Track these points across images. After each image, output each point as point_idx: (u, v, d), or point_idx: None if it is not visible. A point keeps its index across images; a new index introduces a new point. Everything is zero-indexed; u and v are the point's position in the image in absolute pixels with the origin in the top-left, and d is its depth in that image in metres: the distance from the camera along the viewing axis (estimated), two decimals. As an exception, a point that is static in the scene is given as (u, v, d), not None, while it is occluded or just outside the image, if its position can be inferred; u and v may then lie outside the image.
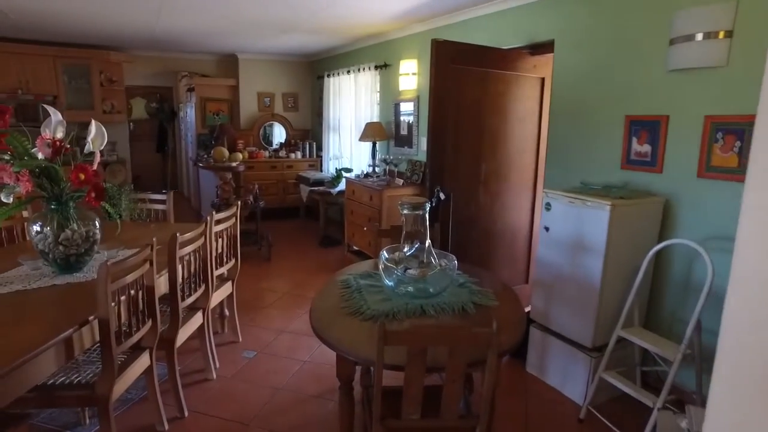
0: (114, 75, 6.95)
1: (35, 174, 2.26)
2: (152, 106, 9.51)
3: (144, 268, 2.23)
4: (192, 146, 7.65)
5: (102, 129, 2.36)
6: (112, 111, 7.04)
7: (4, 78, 6.30)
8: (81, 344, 1.99)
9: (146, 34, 5.96)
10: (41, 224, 2.36)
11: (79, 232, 2.39)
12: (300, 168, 7.40)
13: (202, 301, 2.90)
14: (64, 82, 6.59)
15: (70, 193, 2.34)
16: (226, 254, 3.22)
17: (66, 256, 2.39)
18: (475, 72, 3.48)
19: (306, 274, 5.06)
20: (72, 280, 2.36)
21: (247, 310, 4.07)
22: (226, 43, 6.65)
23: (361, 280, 2.37)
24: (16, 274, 2.44)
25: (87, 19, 5.14)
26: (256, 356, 3.34)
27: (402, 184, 4.99)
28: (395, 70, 5.51)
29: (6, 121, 2.19)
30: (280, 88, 7.85)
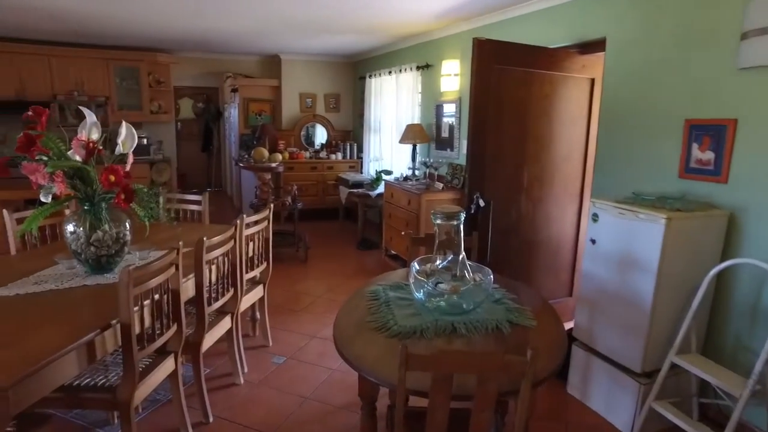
0: (162, 76, 7.12)
1: (69, 175, 2.27)
2: (199, 106, 9.74)
3: (169, 272, 2.19)
4: (234, 146, 7.76)
5: (132, 131, 2.35)
6: (159, 111, 7.22)
7: (63, 80, 6.56)
8: (104, 348, 1.97)
9: (191, 36, 6.06)
10: (75, 224, 2.37)
11: (109, 234, 2.38)
12: (340, 169, 7.36)
13: (231, 305, 2.85)
14: (116, 84, 6.81)
15: (101, 194, 2.34)
16: (258, 257, 3.17)
17: (97, 257, 2.39)
18: (519, 73, 3.30)
19: (342, 277, 4.99)
20: (102, 281, 2.36)
21: (279, 313, 4.03)
22: (268, 44, 6.69)
23: (391, 292, 2.25)
24: (51, 273, 2.46)
25: (136, 22, 5.26)
26: (285, 362, 3.28)
27: (441, 189, 4.84)
28: (437, 70, 5.36)
29: (43, 123, 2.20)
30: (322, 88, 7.84)
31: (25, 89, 6.44)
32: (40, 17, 5.00)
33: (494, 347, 1.79)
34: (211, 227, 3.49)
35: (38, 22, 5.25)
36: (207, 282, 2.51)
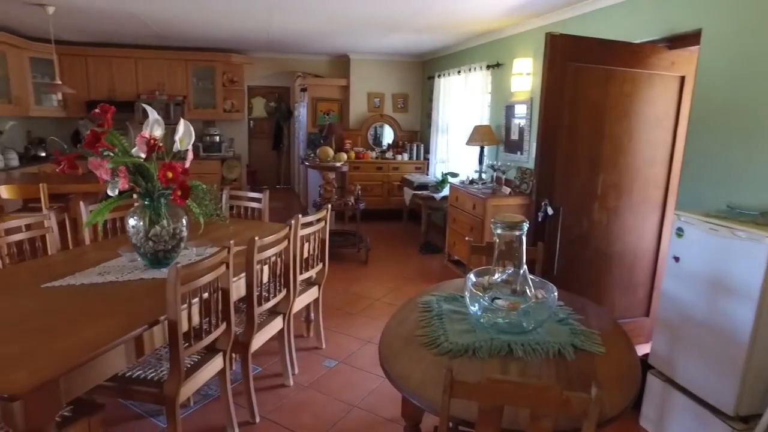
0: (235, 76, 7.36)
1: (131, 171, 2.32)
2: (271, 105, 9.99)
3: (219, 270, 2.17)
4: (302, 145, 7.87)
5: (190, 128, 2.35)
6: (231, 110, 7.46)
7: (147, 81, 6.96)
8: (152, 343, 1.98)
9: (262, 36, 6.19)
10: (136, 219, 2.42)
11: (167, 229, 2.41)
12: (406, 170, 7.25)
13: (284, 305, 2.82)
14: (193, 83, 7.12)
15: (160, 190, 2.37)
16: (314, 258, 3.13)
17: (155, 251, 2.43)
18: (596, 70, 3.02)
19: (402, 281, 4.87)
20: (158, 276, 2.39)
21: (334, 315, 3.99)
22: (337, 44, 6.70)
23: (445, 304, 2.11)
24: (114, 265, 2.53)
25: (211, 24, 5.44)
26: (336, 366, 3.22)
27: (509, 193, 4.60)
28: (508, 69, 5.12)
29: (108, 119, 2.25)
30: (390, 88, 7.78)
31: (115, 90, 6.88)
32: (129, 22, 5.28)
33: (554, 375, 1.60)
34: (270, 226, 3.50)
35: (127, 27, 5.56)
36: (258, 282, 2.48)
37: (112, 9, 4.74)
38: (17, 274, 2.42)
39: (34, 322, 1.87)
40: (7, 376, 1.51)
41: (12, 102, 6.04)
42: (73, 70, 6.72)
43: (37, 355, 1.63)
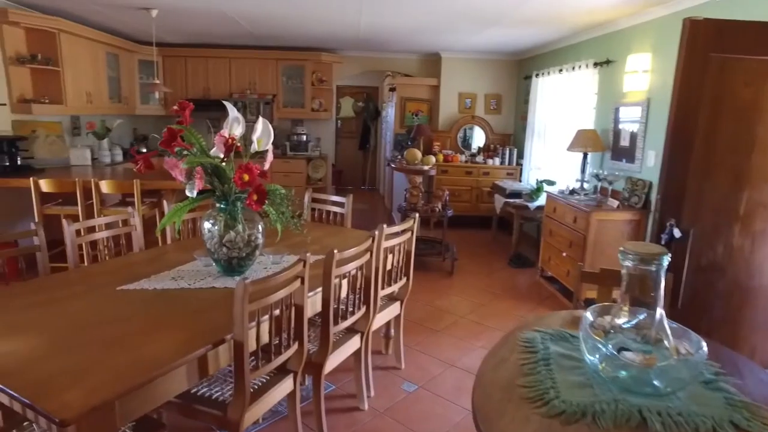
0: (324, 75, 7.31)
1: (207, 171, 2.18)
2: (359, 105, 9.93)
3: (293, 285, 1.96)
4: (389, 146, 7.67)
5: (269, 127, 2.17)
6: (320, 109, 7.42)
7: (239, 80, 7.11)
8: (217, 363, 1.80)
9: (352, 34, 6.04)
10: (212, 222, 2.28)
11: (242, 235, 2.25)
12: (497, 176, 6.81)
13: (362, 323, 2.58)
14: (282, 83, 7.16)
15: (236, 193, 2.21)
16: (397, 272, 2.86)
17: (228, 258, 2.28)
18: (748, 63, 2.48)
19: (490, 296, 4.48)
20: (230, 284, 2.23)
21: (416, 331, 3.70)
22: (429, 41, 6.41)
23: (552, 345, 1.74)
24: (188, 269, 2.43)
25: (301, 23, 5.37)
26: (416, 391, 2.93)
27: (617, 207, 4.06)
28: (619, 67, 4.54)
29: (186, 116, 2.13)
30: (482, 88, 7.36)
31: (209, 89, 7.09)
32: (224, 22, 5.35)
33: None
34: (351, 233, 3.28)
35: (221, 27, 5.65)
36: (335, 297, 2.25)
37: (208, 9, 4.80)
38: (100, 273, 2.38)
39: (101, 330, 1.77)
40: (61, 395, 1.39)
41: (121, 101, 6.39)
42: (174, 71, 7.01)
43: (95, 370, 1.51)
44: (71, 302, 2.01)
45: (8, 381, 1.43)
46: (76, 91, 5.32)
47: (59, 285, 2.22)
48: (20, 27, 4.87)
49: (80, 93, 5.39)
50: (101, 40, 5.70)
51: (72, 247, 2.48)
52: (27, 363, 1.54)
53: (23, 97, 4.98)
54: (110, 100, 6.08)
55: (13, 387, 1.42)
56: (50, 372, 1.49)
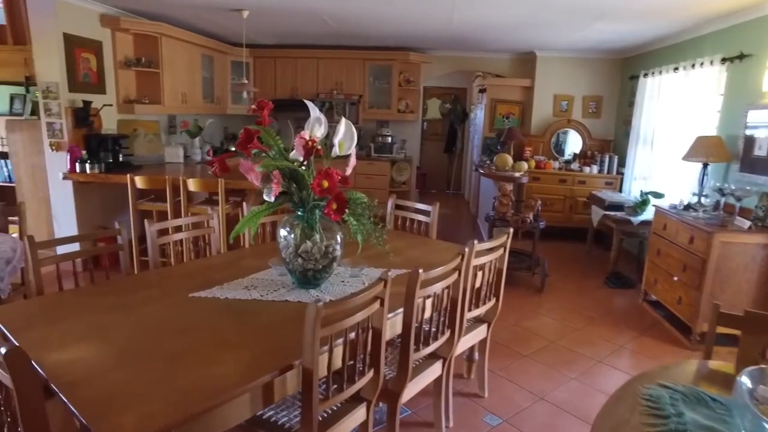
0: (411, 75, 7.11)
1: (286, 175, 2.03)
2: (446, 107, 9.65)
3: (372, 307, 1.75)
4: (477, 150, 7.32)
5: (352, 130, 1.98)
6: (406, 110, 7.23)
7: (326, 80, 7.10)
8: (283, 389, 1.63)
9: (442, 32, 5.77)
10: (288, 230, 2.14)
11: (318, 246, 2.08)
12: (594, 185, 6.24)
13: (445, 349, 2.32)
14: (369, 83, 7.05)
15: (315, 201, 2.04)
16: (486, 293, 2.57)
17: (303, 269, 2.12)
18: None
19: (584, 320, 4.04)
20: (303, 299, 2.07)
21: (501, 354, 3.37)
22: (524, 39, 6.00)
23: (687, 410, 1.38)
24: (262, 278, 2.30)
25: (390, 22, 5.20)
26: (500, 426, 2.62)
27: (748, 228, 3.47)
28: (758, 62, 3.90)
29: (265, 117, 1.99)
30: (580, 90, 6.79)
31: (297, 89, 7.15)
32: (312, 22, 5.31)
33: None
34: (436, 245, 3.03)
35: (310, 27, 5.63)
36: (417, 319, 2.02)
37: (297, 9, 4.76)
38: (176, 276, 2.32)
39: (168, 342, 1.68)
40: (116, 418, 1.29)
41: (214, 101, 6.61)
42: (264, 72, 7.14)
43: (154, 392, 1.40)
44: (144, 307, 1.95)
45: (73, 393, 1.38)
46: (173, 91, 5.52)
47: (137, 287, 2.18)
48: (129, 33, 5.14)
49: (176, 93, 5.59)
50: (198, 42, 5.90)
51: (152, 247, 2.45)
52: (93, 373, 1.48)
53: (128, 97, 5.25)
54: (203, 100, 6.28)
55: (75, 401, 1.35)
56: (111, 387, 1.41)
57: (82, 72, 4.62)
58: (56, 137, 4.54)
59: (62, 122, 4.48)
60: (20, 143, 4.89)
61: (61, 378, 1.44)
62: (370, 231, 1.97)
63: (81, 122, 4.57)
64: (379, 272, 2.42)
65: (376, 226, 1.99)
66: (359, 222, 1.96)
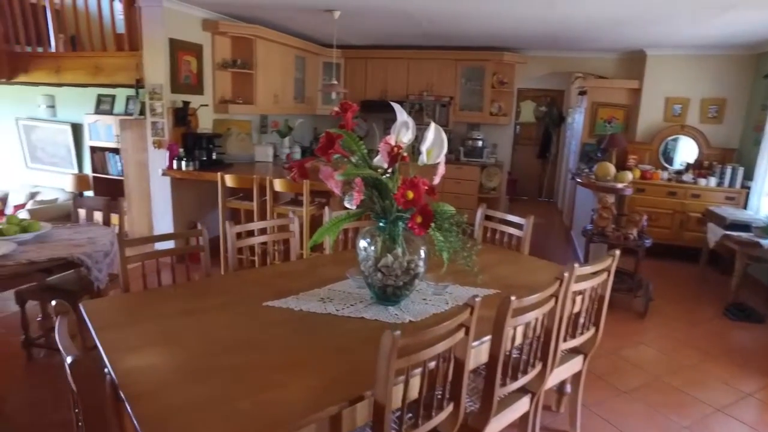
0: (505, 77, 6.76)
1: (368, 183, 1.89)
2: (540, 110, 9.15)
3: (456, 337, 1.55)
4: (574, 156, 6.82)
5: (441, 136, 1.79)
6: (498, 113, 6.89)
7: (416, 81, 6.95)
8: (352, 421, 1.48)
9: (541, 30, 5.39)
10: (368, 241, 1.99)
11: (400, 261, 1.92)
12: (711, 200, 5.54)
13: (535, 382, 2.06)
14: (461, 84, 6.80)
15: (398, 212, 1.88)
16: (585, 321, 2.27)
17: (383, 285, 1.97)
18: None
19: (700, 355, 3.53)
20: (381, 317, 1.92)
21: (595, 386, 3.01)
22: (632, 36, 5.45)
23: None
24: (339, 289, 2.18)
25: (485, 20, 4.93)
26: (596, 474, 2.30)
27: None
28: None
29: (348, 120, 1.86)
30: (698, 92, 6.07)
31: (387, 90, 7.07)
32: (404, 22, 5.18)
33: None
34: (529, 262, 2.75)
35: (401, 28, 5.51)
36: (506, 352, 1.78)
37: (390, 9, 4.64)
38: (252, 282, 2.27)
39: (235, 356, 1.60)
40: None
41: (304, 102, 6.71)
42: (355, 73, 7.14)
43: (213, 414, 1.32)
44: (218, 315, 1.90)
45: (137, 406, 1.32)
46: (266, 91, 5.65)
47: (213, 291, 2.15)
48: (227, 36, 5.32)
49: (269, 94, 5.71)
50: (290, 44, 5.99)
51: (231, 249, 2.42)
52: (158, 386, 1.44)
53: (223, 98, 5.44)
54: (294, 100, 6.38)
55: (138, 415, 1.29)
56: (173, 404, 1.35)
57: (183, 74, 4.83)
58: (158, 135, 4.79)
59: (164, 121, 4.71)
60: (129, 141, 5.22)
61: (129, 387, 1.40)
62: (458, 249, 1.77)
63: (180, 121, 4.79)
64: (464, 291, 2.22)
65: (465, 244, 1.78)
66: (446, 238, 1.77)
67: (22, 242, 2.68)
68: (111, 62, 5.13)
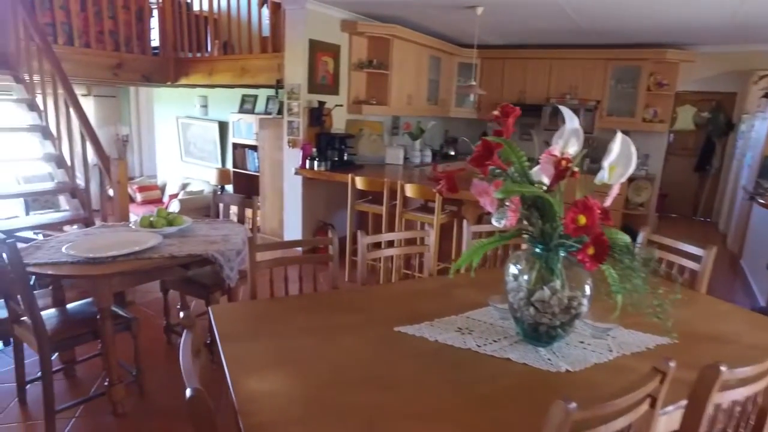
0: (665, 78, 5.91)
1: (526, 202, 1.59)
2: (702, 116, 7.96)
3: (639, 409, 1.19)
4: (749, 171, 5.76)
5: (630, 150, 1.43)
6: (653, 119, 6.07)
7: (559, 83, 6.41)
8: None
9: (720, 21, 4.58)
10: (520, 268, 1.69)
11: (559, 296, 1.59)
12: None
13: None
14: (610, 86, 6.10)
15: (561, 238, 1.55)
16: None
17: (535, 322, 1.65)
18: None
19: None
20: (530, 361, 1.61)
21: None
22: None
23: None
24: (479, 319, 1.91)
25: (655, 9, 4.29)
26: None
27: None
28: None
29: (509, 126, 1.57)
30: None
31: (525, 92, 6.60)
32: (552, 16, 4.74)
33: None
34: (711, 305, 2.22)
35: (547, 23, 5.05)
36: (698, 430, 1.38)
37: (538, 1, 4.23)
38: (383, 299, 2.09)
39: (361, 395, 1.41)
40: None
41: (437, 104, 6.51)
42: (491, 73, 6.77)
43: None
44: (345, 336, 1.73)
45: None
46: (400, 92, 5.53)
47: (341, 307, 1.99)
48: (364, 36, 5.30)
49: (402, 95, 5.59)
50: (426, 43, 5.82)
51: (362, 262, 2.26)
52: (277, 419, 1.28)
53: (357, 98, 5.42)
54: (427, 102, 6.20)
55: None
56: None
57: (320, 74, 4.87)
58: (293, 135, 4.88)
59: (299, 121, 4.79)
60: (267, 139, 5.42)
61: (249, 417, 1.27)
62: (642, 292, 1.39)
63: (314, 121, 4.84)
64: (630, 336, 1.82)
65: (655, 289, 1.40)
66: (625, 278, 1.40)
67: (167, 235, 2.79)
68: (255, 64, 5.36)
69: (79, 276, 2.26)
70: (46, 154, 4.15)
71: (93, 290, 2.35)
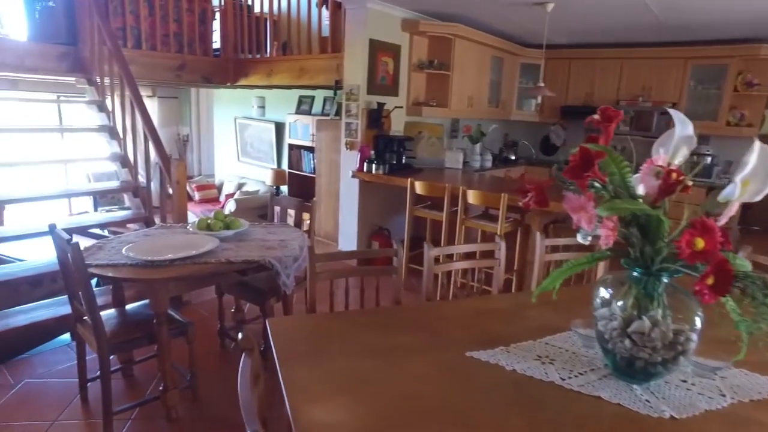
0: (756, 76, 5.39)
1: (625, 219, 1.39)
2: (794, 120, 7.27)
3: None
4: None
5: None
6: (739, 123, 5.57)
7: (630, 84, 6.00)
8: None
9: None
10: (612, 293, 1.49)
11: (661, 329, 1.37)
12: None
13: None
14: (689, 87, 5.64)
15: (666, 262, 1.34)
16: None
17: (630, 356, 1.44)
18: None
19: None
20: (625, 401, 1.39)
21: None
22: None
23: None
24: (560, 346, 1.70)
25: (736, 3, 3.90)
26: None
27: None
28: None
29: (610, 132, 1.37)
30: None
31: (593, 94, 6.24)
32: (630, 11, 4.41)
33: None
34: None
35: (623, 18, 4.71)
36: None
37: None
38: (452, 319, 1.91)
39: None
40: None
41: (498, 106, 6.26)
42: (556, 75, 6.43)
43: None
44: (411, 359, 1.57)
45: None
46: (460, 94, 5.34)
47: (405, 325, 1.84)
48: (425, 36, 5.14)
49: (463, 97, 5.39)
50: (489, 43, 5.59)
51: (427, 275, 2.11)
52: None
53: (417, 100, 5.27)
54: (488, 105, 5.97)
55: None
56: None
57: (380, 75, 4.75)
58: (351, 136, 4.79)
59: (358, 122, 4.69)
60: (324, 141, 5.36)
61: (311, 452, 1.13)
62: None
63: (373, 123, 4.72)
64: (743, 378, 1.56)
65: None
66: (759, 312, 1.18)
67: (223, 238, 2.74)
68: (314, 64, 5.32)
69: (137, 279, 2.23)
70: (113, 153, 4.25)
71: (150, 294, 2.32)
